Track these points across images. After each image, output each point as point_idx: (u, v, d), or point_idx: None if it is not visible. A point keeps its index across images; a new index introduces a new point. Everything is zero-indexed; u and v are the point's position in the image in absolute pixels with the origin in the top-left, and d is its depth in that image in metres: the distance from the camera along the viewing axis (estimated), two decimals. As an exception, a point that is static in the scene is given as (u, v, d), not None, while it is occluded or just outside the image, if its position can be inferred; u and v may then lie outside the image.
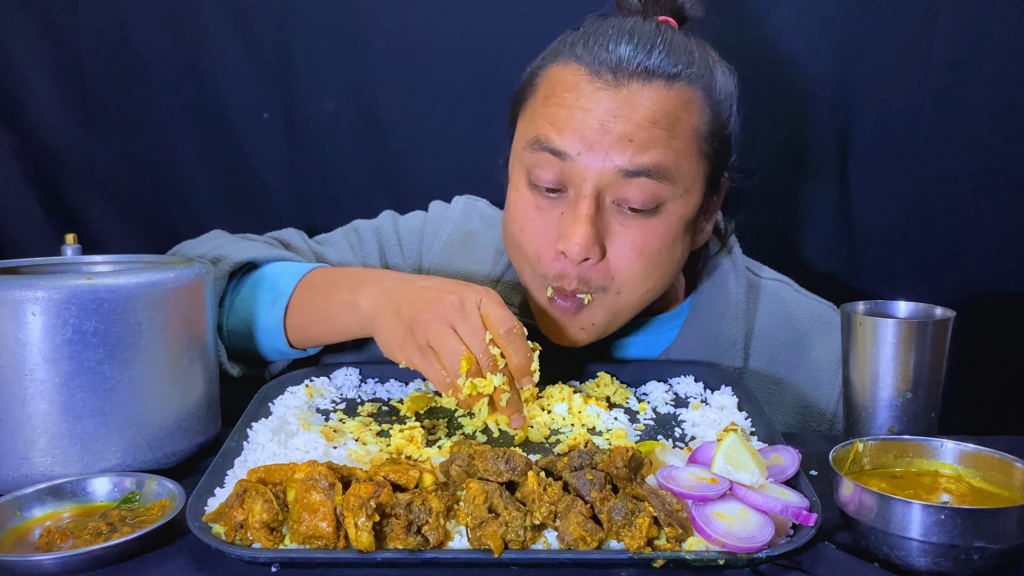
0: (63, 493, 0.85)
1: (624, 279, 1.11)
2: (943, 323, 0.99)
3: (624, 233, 1.09)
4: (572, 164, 1.07)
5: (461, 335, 0.95)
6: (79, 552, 0.74)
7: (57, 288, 0.87)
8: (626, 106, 1.06)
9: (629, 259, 1.10)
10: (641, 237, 1.09)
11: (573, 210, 1.08)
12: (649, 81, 1.07)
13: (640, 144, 1.05)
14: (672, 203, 1.10)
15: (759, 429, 1.01)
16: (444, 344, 0.95)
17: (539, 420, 1.04)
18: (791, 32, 1.48)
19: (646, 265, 1.10)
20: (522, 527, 0.74)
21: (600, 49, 1.08)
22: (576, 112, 1.07)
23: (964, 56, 1.46)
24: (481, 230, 1.36)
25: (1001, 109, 1.47)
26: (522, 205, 1.13)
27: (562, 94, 1.09)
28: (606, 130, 1.06)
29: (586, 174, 1.07)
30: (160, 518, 0.79)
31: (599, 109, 1.06)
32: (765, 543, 0.73)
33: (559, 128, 1.08)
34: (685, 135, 1.09)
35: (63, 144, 1.61)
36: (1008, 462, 0.80)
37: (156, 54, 1.58)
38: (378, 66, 1.57)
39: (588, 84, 1.08)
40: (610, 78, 1.07)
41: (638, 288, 1.13)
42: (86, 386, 0.88)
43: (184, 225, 1.66)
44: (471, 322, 0.96)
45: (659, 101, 1.07)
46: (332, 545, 0.74)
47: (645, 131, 1.06)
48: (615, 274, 1.10)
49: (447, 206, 1.42)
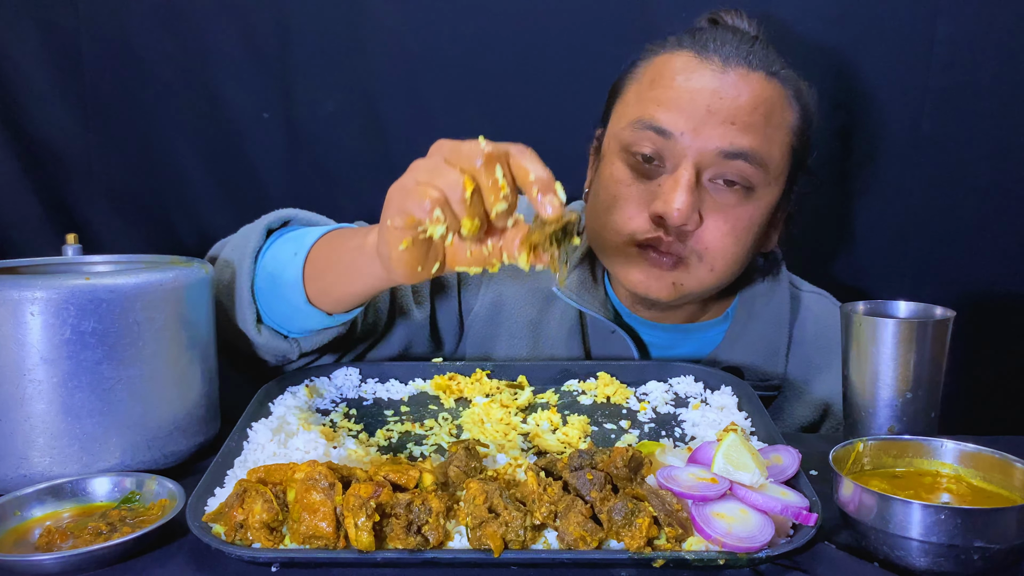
0: (63, 493, 0.85)
1: (716, 254, 1.17)
2: (943, 323, 0.99)
3: (718, 209, 1.15)
4: (675, 143, 1.13)
5: (455, 162, 0.80)
6: (79, 552, 0.74)
7: (56, 288, 0.87)
8: (732, 88, 1.13)
9: (722, 232, 1.16)
10: (733, 215, 1.16)
11: (673, 180, 1.13)
12: (753, 70, 1.14)
13: (741, 127, 1.12)
14: (763, 189, 1.17)
15: (759, 429, 1.01)
16: (435, 169, 0.80)
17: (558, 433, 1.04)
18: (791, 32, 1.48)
19: (735, 243, 1.17)
20: (522, 527, 0.74)
21: (708, 40, 1.17)
22: (684, 93, 1.14)
23: (964, 56, 1.46)
24: None
25: (1001, 109, 1.47)
26: (617, 176, 1.19)
27: (671, 76, 1.16)
28: (711, 111, 1.12)
29: (687, 152, 1.13)
30: (160, 518, 0.79)
31: (706, 90, 1.13)
32: (765, 543, 0.73)
33: (666, 107, 1.14)
34: (781, 126, 1.16)
35: (63, 144, 1.61)
36: (1008, 462, 0.80)
37: (156, 54, 1.58)
38: (378, 66, 1.57)
39: (698, 65, 1.15)
40: (718, 61, 1.14)
41: (727, 265, 1.18)
42: (85, 386, 0.88)
43: (184, 225, 1.66)
44: (463, 146, 0.80)
45: (761, 89, 1.14)
46: (332, 545, 0.74)
47: (747, 115, 1.13)
48: (708, 245, 1.16)
49: None
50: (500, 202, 0.79)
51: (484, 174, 0.78)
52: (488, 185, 0.78)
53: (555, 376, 1.20)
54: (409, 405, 1.12)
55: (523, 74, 1.54)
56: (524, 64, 1.54)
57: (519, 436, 1.01)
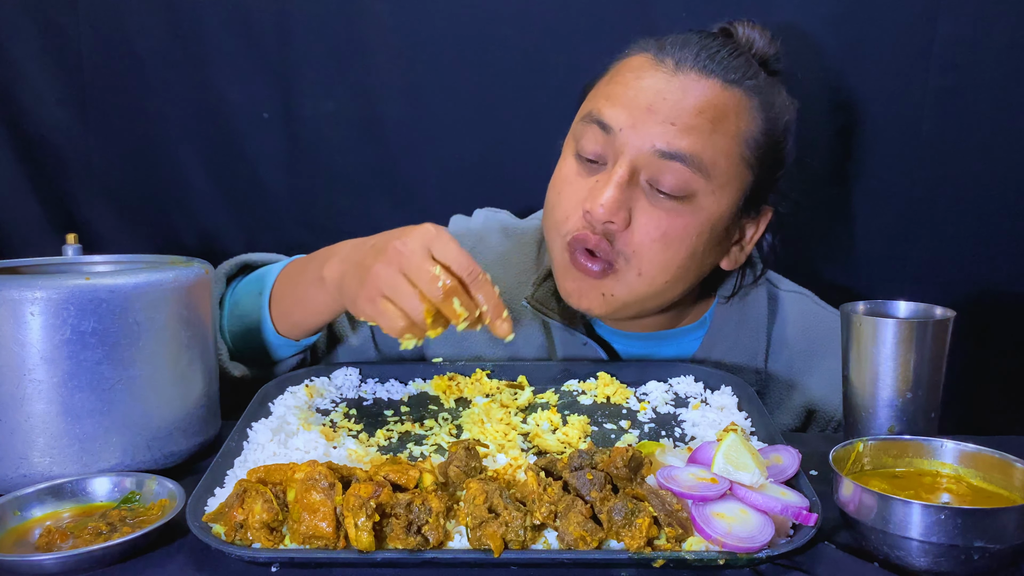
0: (63, 493, 0.85)
1: (645, 258, 1.12)
2: (943, 323, 0.99)
3: (651, 212, 1.11)
4: (615, 137, 1.12)
5: (409, 276, 0.93)
6: (79, 552, 0.74)
7: (56, 288, 0.87)
8: (678, 90, 1.11)
9: (652, 238, 1.11)
10: (667, 220, 1.11)
11: (607, 176, 1.11)
12: (707, 76, 1.12)
13: (681, 128, 1.09)
14: (704, 197, 1.12)
15: (759, 429, 1.01)
16: (397, 290, 0.93)
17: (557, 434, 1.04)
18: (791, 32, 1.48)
19: (666, 249, 1.12)
20: (522, 527, 0.74)
21: (672, 46, 1.15)
22: (630, 90, 1.13)
23: (964, 56, 1.46)
24: (502, 242, 1.37)
25: (1001, 109, 1.47)
26: (564, 171, 1.18)
27: (624, 74, 1.16)
28: (652, 110, 1.10)
29: (625, 148, 1.11)
30: (160, 518, 0.79)
31: (651, 89, 1.12)
32: (765, 543, 0.73)
33: (611, 102, 1.13)
34: (729, 134, 1.12)
35: (63, 144, 1.61)
36: (1008, 462, 0.80)
37: (156, 54, 1.58)
38: (378, 66, 1.57)
39: (650, 67, 1.14)
40: (671, 65, 1.13)
41: (657, 272, 1.13)
42: (85, 386, 0.88)
43: (184, 225, 1.66)
44: (418, 261, 0.93)
45: (711, 96, 1.11)
46: (332, 545, 0.74)
47: (689, 117, 1.10)
48: (636, 248, 1.12)
49: (468, 219, 1.43)
50: (461, 323, 0.94)
51: (444, 304, 0.92)
52: (449, 312, 0.93)
53: (555, 376, 1.20)
54: (409, 405, 1.12)
55: (523, 74, 1.54)
56: (524, 64, 1.54)
57: (519, 436, 1.01)
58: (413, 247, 0.94)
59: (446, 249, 0.94)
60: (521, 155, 1.55)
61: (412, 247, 0.94)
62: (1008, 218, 1.51)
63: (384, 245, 0.96)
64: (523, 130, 1.54)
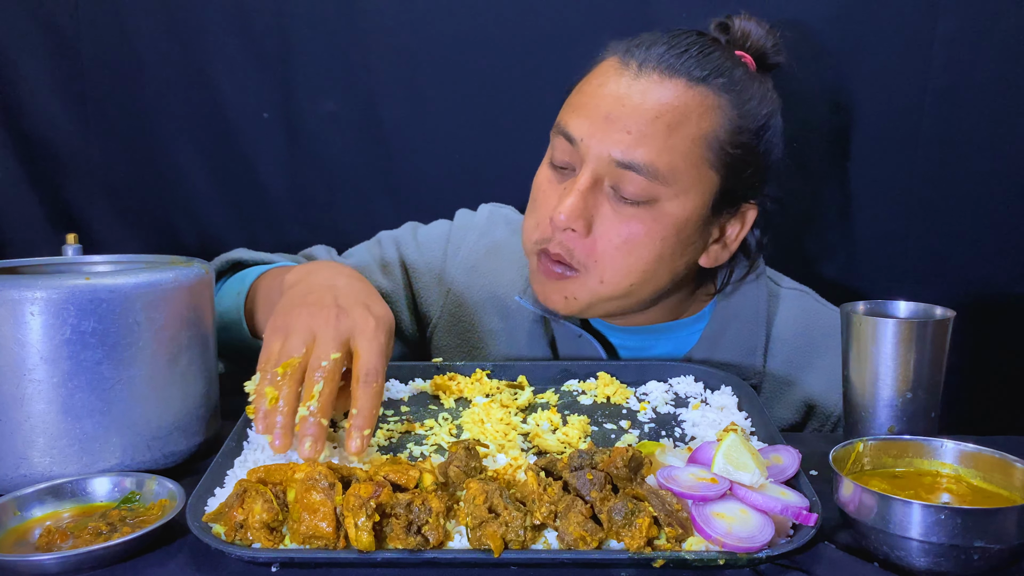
0: (63, 493, 0.85)
1: (606, 265, 1.14)
2: (943, 323, 0.99)
3: (614, 218, 1.13)
4: (578, 148, 1.13)
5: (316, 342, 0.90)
6: (79, 552, 0.74)
7: (56, 288, 0.87)
8: (637, 95, 1.11)
9: (613, 245, 1.13)
10: (628, 227, 1.12)
11: (572, 184, 1.13)
12: (671, 77, 1.11)
13: (637, 137, 1.09)
14: (667, 202, 1.12)
15: (759, 429, 1.01)
16: (291, 341, 0.90)
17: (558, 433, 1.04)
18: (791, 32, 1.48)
19: (629, 255, 1.13)
20: (522, 527, 0.74)
21: (640, 48, 1.15)
22: (593, 99, 1.14)
23: (964, 56, 1.46)
24: (507, 237, 1.39)
25: (1001, 109, 1.47)
26: (539, 179, 1.21)
27: (591, 81, 1.17)
28: (610, 119, 1.11)
29: (587, 157, 1.12)
30: (160, 518, 0.79)
31: (611, 96, 1.12)
32: (765, 543, 0.73)
33: (576, 113, 1.15)
34: (689, 137, 1.11)
35: (63, 144, 1.61)
36: (1008, 462, 0.80)
37: (156, 54, 1.58)
38: (378, 66, 1.57)
39: (615, 72, 1.14)
40: (635, 67, 1.13)
41: (620, 278, 1.15)
42: (85, 386, 0.88)
43: (184, 225, 1.66)
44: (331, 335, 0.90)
45: (672, 97, 1.11)
46: (332, 545, 0.74)
47: (645, 125, 1.09)
48: (598, 257, 1.14)
49: (473, 214, 1.44)
50: (303, 405, 0.88)
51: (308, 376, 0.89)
52: (307, 384, 0.89)
53: (555, 376, 1.20)
54: (409, 405, 1.12)
55: (523, 74, 1.54)
56: (524, 64, 1.54)
57: (519, 436, 1.01)
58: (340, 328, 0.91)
59: (369, 345, 0.90)
60: (521, 155, 1.54)
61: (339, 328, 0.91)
62: (1008, 218, 1.51)
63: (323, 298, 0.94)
64: (523, 130, 1.54)
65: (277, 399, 0.87)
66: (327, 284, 0.99)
